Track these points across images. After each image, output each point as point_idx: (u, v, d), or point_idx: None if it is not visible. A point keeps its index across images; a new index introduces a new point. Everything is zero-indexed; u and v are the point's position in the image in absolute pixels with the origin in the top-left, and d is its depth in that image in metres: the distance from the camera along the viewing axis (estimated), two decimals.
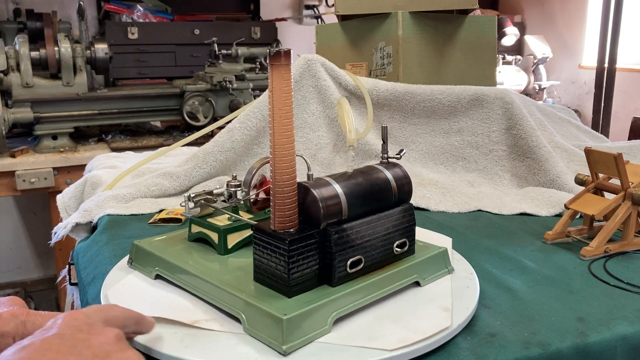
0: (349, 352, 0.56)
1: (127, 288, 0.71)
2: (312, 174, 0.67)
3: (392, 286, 0.66)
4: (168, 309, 0.63)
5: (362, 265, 0.65)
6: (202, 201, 0.76)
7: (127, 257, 0.80)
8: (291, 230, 0.61)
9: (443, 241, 0.82)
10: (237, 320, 0.60)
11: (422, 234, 0.81)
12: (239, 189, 0.77)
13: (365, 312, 0.63)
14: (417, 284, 0.69)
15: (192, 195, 0.75)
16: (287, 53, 0.59)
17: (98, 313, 0.51)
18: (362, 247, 0.65)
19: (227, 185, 0.78)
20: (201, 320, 0.61)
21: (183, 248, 0.75)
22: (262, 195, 0.78)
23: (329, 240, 0.62)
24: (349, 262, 0.63)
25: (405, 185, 0.71)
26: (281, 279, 0.60)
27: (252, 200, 0.78)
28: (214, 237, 0.74)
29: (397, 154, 0.73)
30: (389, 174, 0.70)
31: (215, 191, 0.78)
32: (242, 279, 0.65)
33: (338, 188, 0.64)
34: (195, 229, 0.76)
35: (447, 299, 0.66)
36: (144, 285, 0.71)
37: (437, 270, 0.72)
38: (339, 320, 0.61)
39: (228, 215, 0.76)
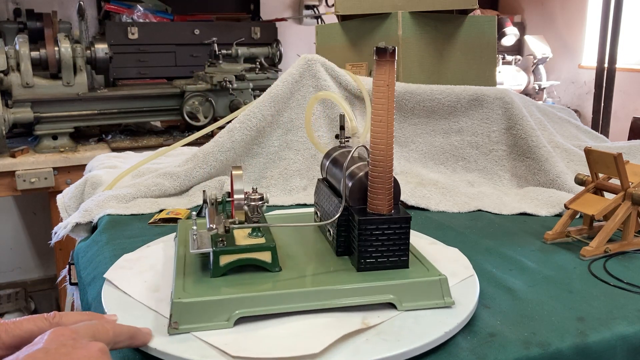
0: None
1: None
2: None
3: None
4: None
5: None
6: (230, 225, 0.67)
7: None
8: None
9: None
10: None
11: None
12: (261, 202, 0.70)
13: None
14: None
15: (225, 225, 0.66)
16: (393, 51, 0.66)
17: (86, 329, 0.52)
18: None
19: (247, 199, 0.69)
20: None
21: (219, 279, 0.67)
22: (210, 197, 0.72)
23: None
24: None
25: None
26: (400, 252, 0.68)
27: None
28: (266, 256, 0.67)
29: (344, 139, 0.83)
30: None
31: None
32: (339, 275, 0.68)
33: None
34: (232, 257, 0.66)
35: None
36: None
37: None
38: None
39: (241, 231, 0.71)
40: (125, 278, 0.72)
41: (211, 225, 0.65)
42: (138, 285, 0.70)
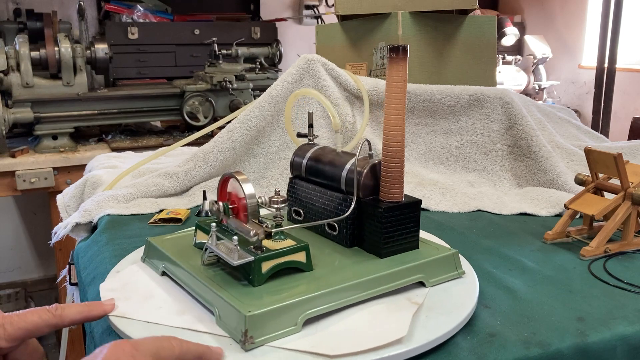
0: None
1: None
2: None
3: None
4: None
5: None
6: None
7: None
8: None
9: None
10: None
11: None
12: (284, 205, 0.70)
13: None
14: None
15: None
16: (405, 49, 0.69)
17: (149, 345, 0.49)
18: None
19: (270, 202, 0.69)
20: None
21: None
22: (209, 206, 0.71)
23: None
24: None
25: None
26: (412, 235, 0.73)
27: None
28: (301, 257, 0.67)
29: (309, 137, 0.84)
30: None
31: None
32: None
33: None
34: (272, 262, 0.64)
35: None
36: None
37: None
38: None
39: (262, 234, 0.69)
40: (134, 309, 0.63)
41: (253, 232, 0.63)
42: (155, 312, 0.63)
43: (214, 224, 0.67)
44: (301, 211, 0.82)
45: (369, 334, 0.58)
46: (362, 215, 0.74)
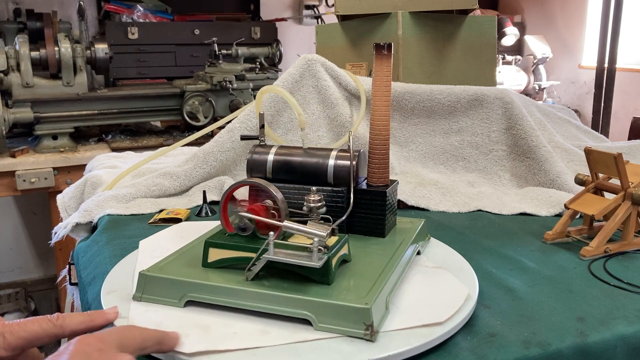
0: None
1: None
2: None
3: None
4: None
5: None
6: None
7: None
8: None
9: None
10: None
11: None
12: (319, 203, 0.71)
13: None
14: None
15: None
16: (390, 46, 0.78)
17: (113, 336, 0.50)
18: None
19: (306, 200, 0.71)
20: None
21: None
22: (241, 218, 0.68)
23: None
24: None
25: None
26: (395, 213, 0.83)
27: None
28: (346, 249, 0.69)
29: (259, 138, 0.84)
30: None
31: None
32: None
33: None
34: (336, 258, 0.65)
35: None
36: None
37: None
38: None
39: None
40: (213, 343, 0.57)
41: (327, 233, 0.64)
42: (242, 339, 0.58)
43: (272, 234, 0.63)
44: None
45: (441, 301, 0.65)
46: (357, 202, 0.78)
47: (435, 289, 0.69)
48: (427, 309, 0.63)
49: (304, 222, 0.68)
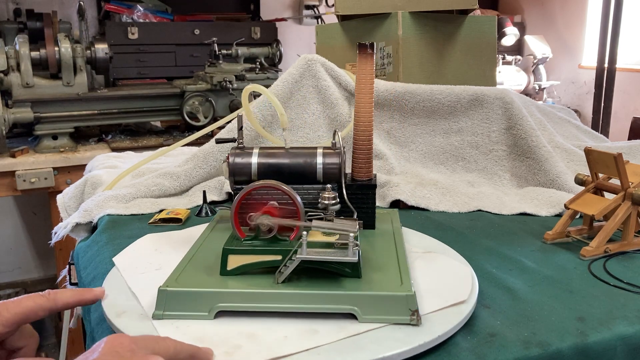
0: None
1: None
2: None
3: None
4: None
5: None
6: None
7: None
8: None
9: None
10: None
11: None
12: (333, 200, 0.73)
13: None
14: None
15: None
16: (372, 45, 0.81)
17: (147, 341, 0.49)
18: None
19: (321, 197, 0.73)
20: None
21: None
22: (266, 220, 0.67)
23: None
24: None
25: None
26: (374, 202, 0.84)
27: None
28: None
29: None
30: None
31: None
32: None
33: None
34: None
35: None
36: None
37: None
38: None
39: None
40: (276, 351, 0.56)
41: (355, 228, 0.67)
42: (291, 342, 0.57)
43: (304, 234, 0.63)
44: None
45: (452, 280, 0.70)
46: (347, 198, 0.80)
47: (441, 272, 0.73)
48: (445, 289, 0.67)
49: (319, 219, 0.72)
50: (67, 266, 1.00)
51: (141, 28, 2.71)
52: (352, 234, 0.63)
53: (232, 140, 0.83)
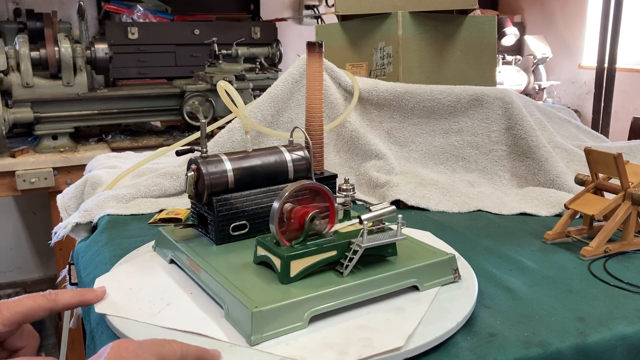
0: None
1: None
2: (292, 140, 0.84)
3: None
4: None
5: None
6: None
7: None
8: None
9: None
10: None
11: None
12: (352, 190, 0.74)
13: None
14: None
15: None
16: (320, 44, 0.88)
17: (153, 345, 0.49)
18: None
19: (339, 189, 0.74)
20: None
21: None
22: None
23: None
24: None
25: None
26: None
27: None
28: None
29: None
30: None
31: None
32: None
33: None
34: None
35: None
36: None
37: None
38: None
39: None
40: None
41: (394, 208, 0.70)
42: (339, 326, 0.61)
43: (365, 223, 0.65)
44: (246, 223, 0.77)
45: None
46: None
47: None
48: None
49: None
50: (67, 266, 1.00)
51: (141, 28, 2.71)
52: (400, 216, 0.67)
53: (192, 150, 0.78)
